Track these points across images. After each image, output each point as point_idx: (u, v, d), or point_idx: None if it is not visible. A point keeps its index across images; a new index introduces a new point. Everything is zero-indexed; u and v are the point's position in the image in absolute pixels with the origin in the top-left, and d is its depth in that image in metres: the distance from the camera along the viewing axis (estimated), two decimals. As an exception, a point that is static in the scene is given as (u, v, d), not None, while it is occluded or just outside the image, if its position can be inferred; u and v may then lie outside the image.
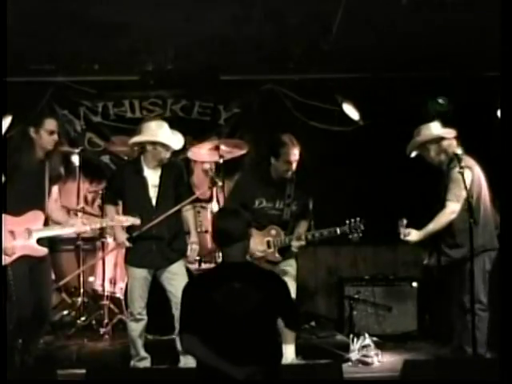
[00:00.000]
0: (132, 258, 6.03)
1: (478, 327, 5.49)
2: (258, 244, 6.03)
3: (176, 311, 5.85)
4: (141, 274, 5.97)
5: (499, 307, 4.82)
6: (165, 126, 6.07)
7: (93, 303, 7.41)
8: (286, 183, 6.07)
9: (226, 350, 3.90)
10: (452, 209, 5.64)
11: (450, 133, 5.91)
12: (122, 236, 5.94)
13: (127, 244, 5.92)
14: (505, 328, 4.51)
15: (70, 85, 8.05)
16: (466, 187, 5.55)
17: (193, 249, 6.08)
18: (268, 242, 6.07)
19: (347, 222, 5.95)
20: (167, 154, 6.02)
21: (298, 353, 6.12)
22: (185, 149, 6.93)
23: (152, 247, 5.94)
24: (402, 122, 7.28)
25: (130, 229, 5.94)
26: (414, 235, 5.73)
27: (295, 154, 5.93)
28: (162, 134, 6.00)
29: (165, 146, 5.98)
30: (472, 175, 5.74)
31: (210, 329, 3.94)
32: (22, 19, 5.97)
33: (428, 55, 7.20)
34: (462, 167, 5.58)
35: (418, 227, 5.80)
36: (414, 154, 6.06)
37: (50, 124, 5.56)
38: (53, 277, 6.86)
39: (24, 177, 5.48)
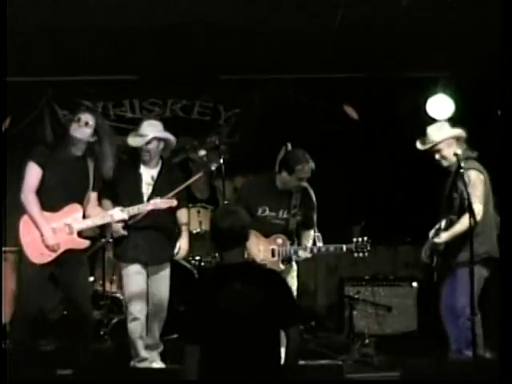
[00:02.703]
0: (122, 254, 6.04)
1: (473, 330, 5.48)
2: (263, 251, 6.00)
3: (152, 307, 6.02)
4: (133, 269, 5.99)
5: (497, 309, 4.81)
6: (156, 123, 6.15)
7: (93, 303, 7.40)
8: (291, 194, 6.06)
9: (231, 350, 3.90)
10: (477, 210, 5.61)
11: (463, 135, 5.90)
12: (118, 224, 5.92)
13: (122, 232, 5.92)
14: (505, 328, 4.51)
15: (69, 85, 8.06)
16: (466, 189, 5.54)
17: (181, 248, 6.06)
18: (273, 251, 6.03)
19: (354, 240, 5.99)
20: (161, 149, 6.05)
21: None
22: (185, 149, 6.95)
23: (142, 242, 5.94)
24: (402, 122, 7.30)
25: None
26: (441, 237, 5.70)
27: (309, 171, 5.94)
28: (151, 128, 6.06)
29: (159, 140, 6.02)
30: (484, 178, 5.73)
31: (213, 331, 3.92)
32: (22, 19, 5.98)
33: (428, 55, 7.21)
34: (461, 167, 5.58)
35: (419, 227, 5.80)
36: (422, 148, 6.01)
37: (82, 114, 5.57)
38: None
39: (58, 172, 5.50)
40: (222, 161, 6.74)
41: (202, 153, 6.28)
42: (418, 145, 5.97)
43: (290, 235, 6.09)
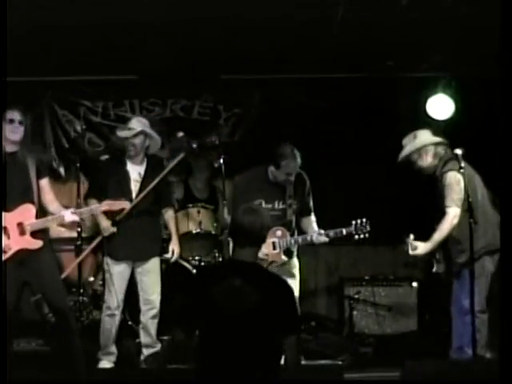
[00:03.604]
0: (113, 252, 6.10)
1: (479, 329, 5.47)
2: (263, 245, 5.97)
3: (143, 306, 6.09)
4: (120, 268, 6.05)
5: (500, 307, 4.81)
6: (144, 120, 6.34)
7: (92, 303, 7.40)
8: (285, 184, 6.07)
9: (222, 346, 3.90)
10: (453, 214, 5.57)
11: (440, 141, 5.89)
12: (106, 222, 6.00)
13: (112, 229, 5.98)
14: (505, 328, 4.50)
15: (69, 85, 8.06)
16: (466, 187, 5.53)
17: (174, 252, 6.21)
18: (273, 244, 6.04)
19: (353, 222, 5.95)
20: (146, 146, 6.17)
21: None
22: (183, 149, 6.94)
23: (131, 240, 5.99)
24: (402, 121, 7.29)
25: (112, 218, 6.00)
26: (421, 248, 5.67)
27: (296, 165, 5.96)
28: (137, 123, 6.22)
29: (145, 135, 6.15)
30: (462, 177, 5.69)
31: (207, 325, 3.94)
32: (22, 18, 5.98)
33: (428, 55, 7.22)
34: (461, 167, 5.57)
35: (421, 227, 5.80)
36: (402, 159, 6.02)
37: (11, 113, 5.51)
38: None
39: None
40: (222, 161, 6.76)
41: (180, 134, 6.37)
42: (399, 157, 5.99)
43: (288, 226, 6.09)
